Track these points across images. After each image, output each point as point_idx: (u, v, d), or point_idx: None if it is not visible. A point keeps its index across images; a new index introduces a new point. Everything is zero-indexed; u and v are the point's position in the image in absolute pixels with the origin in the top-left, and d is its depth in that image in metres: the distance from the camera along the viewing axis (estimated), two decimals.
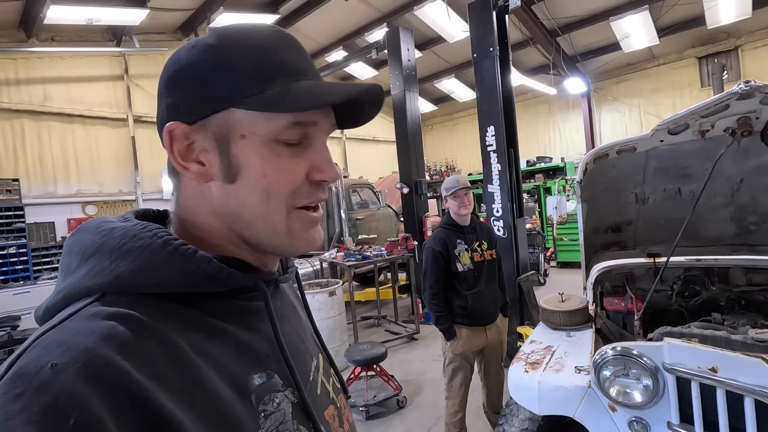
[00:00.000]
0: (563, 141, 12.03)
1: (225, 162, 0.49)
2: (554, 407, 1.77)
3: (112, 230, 0.47)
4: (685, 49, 9.75)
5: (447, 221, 2.72)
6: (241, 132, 0.49)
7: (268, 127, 0.49)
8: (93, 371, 0.35)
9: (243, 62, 0.48)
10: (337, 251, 6.06)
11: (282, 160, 0.50)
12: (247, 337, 0.51)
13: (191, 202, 0.53)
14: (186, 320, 0.46)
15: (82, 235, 0.49)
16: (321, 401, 0.59)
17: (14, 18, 6.73)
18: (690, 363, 1.46)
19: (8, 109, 6.97)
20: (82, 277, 0.45)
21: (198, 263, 0.46)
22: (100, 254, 0.46)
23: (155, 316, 0.43)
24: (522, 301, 4.35)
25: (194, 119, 0.49)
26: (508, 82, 4.67)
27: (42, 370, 0.34)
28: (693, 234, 2.32)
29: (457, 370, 2.64)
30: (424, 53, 9.84)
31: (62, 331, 0.38)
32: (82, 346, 0.36)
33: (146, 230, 0.47)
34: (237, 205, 0.50)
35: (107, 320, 0.39)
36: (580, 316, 2.24)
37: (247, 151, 0.49)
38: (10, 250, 6.56)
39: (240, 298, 0.53)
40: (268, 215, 0.50)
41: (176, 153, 0.50)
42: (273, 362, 0.52)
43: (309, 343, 0.65)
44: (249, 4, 7.96)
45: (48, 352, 0.35)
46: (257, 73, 0.48)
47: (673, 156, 2.16)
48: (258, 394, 0.48)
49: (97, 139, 7.96)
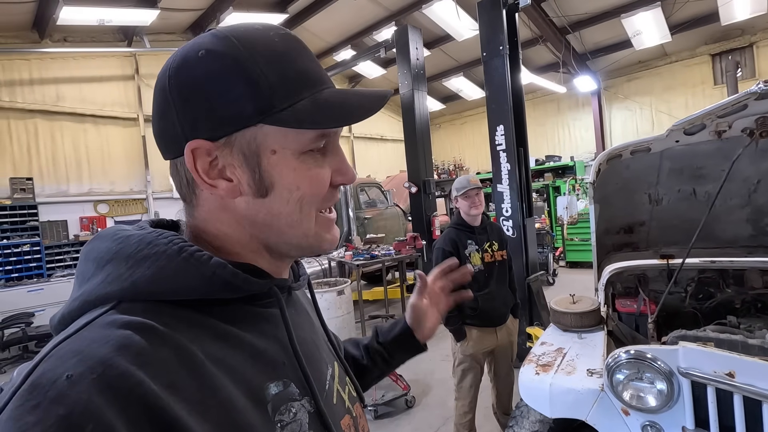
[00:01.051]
0: (573, 140, 11.92)
1: (256, 177, 0.49)
2: (566, 410, 1.76)
3: (128, 237, 0.47)
4: (698, 46, 9.59)
5: (457, 221, 2.71)
6: (271, 147, 0.48)
7: (298, 140, 0.49)
8: (108, 382, 0.35)
9: (267, 75, 0.47)
10: (346, 250, 6.07)
11: (311, 171, 0.50)
12: (262, 344, 0.50)
13: (211, 216, 0.52)
14: (201, 328, 0.45)
15: (99, 243, 0.48)
16: (337, 411, 0.59)
17: (28, 19, 6.83)
18: (706, 367, 1.43)
19: (22, 108, 7.08)
20: (99, 284, 0.45)
21: (213, 269, 0.46)
22: (116, 261, 0.46)
23: (171, 324, 0.43)
24: (531, 302, 4.33)
25: (219, 136, 0.47)
26: (518, 80, 4.63)
27: (58, 381, 0.34)
28: (708, 235, 2.28)
29: (466, 371, 2.63)
30: (433, 52, 9.80)
31: (78, 340, 0.38)
32: (97, 356, 0.36)
33: (162, 237, 0.47)
34: (268, 217, 0.51)
35: (123, 329, 0.39)
36: (592, 318, 2.22)
37: (279, 165, 0.49)
38: (24, 248, 6.66)
39: (255, 305, 0.52)
40: (301, 223, 0.51)
41: (201, 171, 0.48)
42: (289, 370, 0.51)
43: (324, 350, 0.64)
44: (258, 3, 7.99)
45: (63, 363, 0.35)
46: (283, 86, 0.47)
47: (688, 156, 2.13)
48: (274, 404, 0.47)
49: (108, 138, 8.06)
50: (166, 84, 0.48)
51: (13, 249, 6.55)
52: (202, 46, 0.47)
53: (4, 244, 6.48)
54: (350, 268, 5.89)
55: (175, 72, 0.48)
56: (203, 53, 0.47)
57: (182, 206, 0.55)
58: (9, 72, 6.98)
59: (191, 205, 0.53)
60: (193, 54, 0.47)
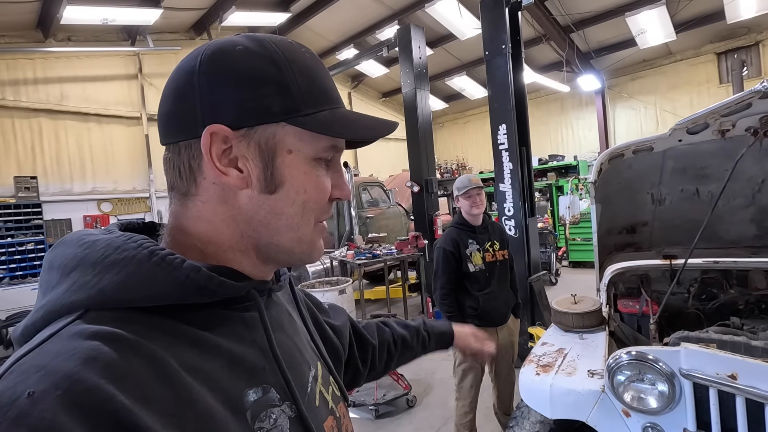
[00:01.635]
0: (576, 139, 11.87)
1: (268, 173, 0.50)
2: (566, 411, 1.75)
3: (94, 242, 0.45)
4: (704, 44, 9.52)
5: (458, 221, 2.70)
6: (288, 147, 0.50)
7: (313, 146, 0.52)
8: (75, 398, 0.32)
9: (298, 82, 0.50)
10: (348, 249, 6.07)
11: (319, 178, 0.53)
12: (240, 350, 0.49)
13: (206, 208, 0.51)
14: (175, 335, 0.44)
15: (64, 249, 0.46)
16: (320, 413, 0.58)
17: (32, 19, 6.86)
18: (708, 369, 1.42)
19: (26, 108, 7.12)
20: (64, 292, 0.42)
21: (186, 273, 0.44)
22: (82, 268, 0.43)
23: (142, 333, 0.41)
24: (533, 301, 4.31)
25: (240, 126, 0.48)
26: (521, 79, 4.61)
27: (19, 399, 0.31)
28: (711, 236, 2.26)
29: (467, 371, 2.62)
30: (436, 51, 9.78)
31: (41, 354, 0.36)
32: (62, 371, 0.34)
33: (130, 241, 0.45)
34: (269, 215, 0.51)
35: (90, 340, 0.37)
36: (594, 319, 2.20)
37: (292, 166, 0.51)
38: (29, 246, 6.71)
39: (232, 309, 0.51)
40: (300, 227, 0.53)
41: (214, 156, 0.48)
42: (269, 375, 0.50)
43: (306, 351, 0.63)
44: (261, 2, 8.00)
45: (25, 379, 0.33)
46: (310, 95, 0.51)
47: (691, 156, 2.11)
48: (254, 411, 0.46)
49: (112, 137, 8.09)
50: (196, 68, 0.48)
51: (18, 247, 6.60)
52: (240, 43, 0.50)
53: (9, 243, 6.53)
54: (352, 268, 5.89)
55: (208, 58, 0.49)
56: (241, 48, 0.49)
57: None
58: (13, 71, 7.02)
59: (186, 196, 0.51)
60: (230, 47, 0.49)
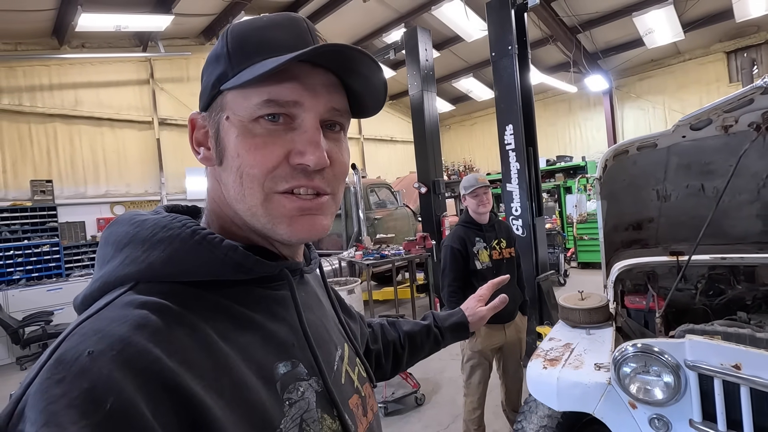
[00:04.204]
0: (584, 140, 11.81)
1: (218, 144, 0.51)
2: (573, 404, 1.77)
3: (144, 221, 0.50)
4: (713, 43, 9.44)
5: (465, 219, 2.73)
6: (226, 113, 0.50)
7: (244, 105, 0.48)
8: (127, 358, 0.36)
9: (230, 46, 0.50)
10: (356, 250, 6.12)
11: (255, 140, 0.48)
12: (273, 326, 0.51)
13: (212, 192, 0.55)
14: (215, 308, 0.47)
15: (117, 227, 0.51)
16: (345, 390, 0.59)
17: (48, 26, 7.03)
18: (713, 360, 1.44)
19: (42, 113, 7.28)
20: (117, 266, 0.47)
21: (225, 251, 0.47)
22: (133, 244, 0.48)
23: (185, 305, 0.44)
24: (541, 301, 4.32)
25: (205, 106, 0.53)
26: (527, 80, 4.64)
27: (81, 357, 0.35)
28: (718, 232, 2.27)
29: (475, 368, 2.65)
30: (442, 53, 9.81)
31: (99, 320, 0.40)
32: (116, 334, 0.38)
33: (176, 221, 0.49)
34: (225, 187, 0.52)
35: (140, 309, 0.41)
36: (600, 314, 2.22)
37: (229, 131, 0.49)
38: (44, 248, 6.85)
39: (266, 287, 0.53)
40: (244, 197, 0.50)
41: (193, 140, 0.54)
42: (298, 351, 0.53)
43: (333, 332, 0.65)
44: (270, 7, 8.11)
45: (86, 340, 0.37)
46: (241, 53, 0.49)
47: (695, 152, 2.13)
48: (283, 383, 0.49)
49: (124, 141, 8.23)
50: None
51: (34, 249, 6.74)
52: None
53: (25, 245, 6.67)
54: (360, 268, 5.94)
55: None
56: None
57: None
58: (30, 78, 7.19)
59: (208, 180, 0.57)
60: None
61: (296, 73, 0.48)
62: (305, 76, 0.49)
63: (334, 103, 0.51)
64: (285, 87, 0.48)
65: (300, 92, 0.48)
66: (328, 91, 0.51)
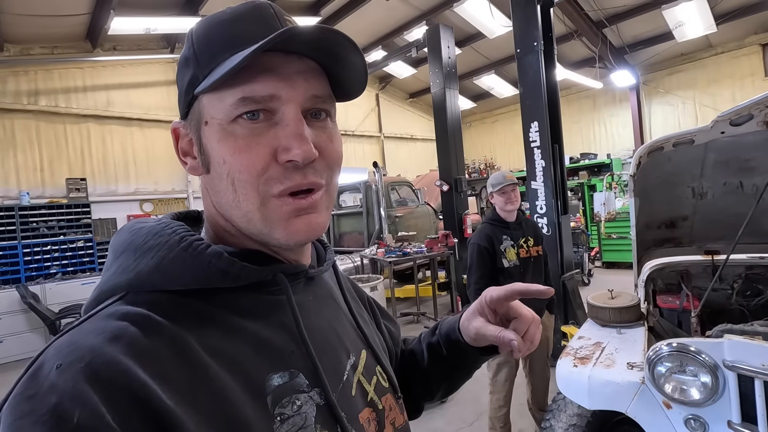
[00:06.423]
0: (609, 137, 11.54)
1: (202, 152, 0.49)
2: (605, 402, 1.75)
3: (140, 229, 0.49)
4: (747, 36, 9.08)
5: (492, 217, 2.72)
6: (205, 118, 0.47)
7: (220, 107, 0.45)
8: (94, 369, 0.35)
9: (198, 45, 0.47)
10: (378, 248, 6.16)
11: (238, 142, 0.45)
12: (267, 333, 0.48)
13: (205, 199, 0.53)
14: (203, 317, 0.45)
15: (120, 235, 0.50)
16: (354, 403, 0.54)
17: (82, 30, 7.31)
18: (754, 360, 1.41)
19: (77, 114, 7.58)
20: (112, 275, 0.46)
21: (209, 258, 0.45)
22: (127, 252, 0.47)
23: (170, 315, 0.43)
24: (566, 300, 4.27)
25: (185, 114, 0.50)
26: (553, 76, 4.57)
27: (51, 371, 0.35)
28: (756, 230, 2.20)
29: (501, 365, 2.65)
30: (464, 50, 9.75)
31: (78, 332, 0.40)
32: (87, 346, 0.37)
33: (167, 228, 0.48)
34: (216, 195, 0.49)
35: (120, 320, 0.40)
36: (631, 314, 2.19)
37: (210, 136, 0.47)
38: (78, 244, 7.14)
39: (265, 292, 0.51)
40: (239, 204, 0.47)
41: (179, 150, 0.52)
42: (298, 359, 0.49)
43: (348, 338, 0.59)
44: (292, 7, 8.21)
45: (58, 353, 0.37)
46: (207, 52, 0.46)
47: (734, 148, 2.07)
48: (275, 396, 0.45)
49: (153, 140, 8.49)
50: None
51: (69, 245, 7.03)
52: None
53: (61, 240, 6.97)
54: (382, 265, 5.97)
55: None
56: None
57: None
58: (65, 80, 7.49)
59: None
60: None
61: (268, 65, 0.45)
62: (279, 66, 0.45)
63: (314, 90, 0.48)
64: (258, 81, 0.44)
65: (275, 84, 0.45)
66: (305, 78, 0.47)
